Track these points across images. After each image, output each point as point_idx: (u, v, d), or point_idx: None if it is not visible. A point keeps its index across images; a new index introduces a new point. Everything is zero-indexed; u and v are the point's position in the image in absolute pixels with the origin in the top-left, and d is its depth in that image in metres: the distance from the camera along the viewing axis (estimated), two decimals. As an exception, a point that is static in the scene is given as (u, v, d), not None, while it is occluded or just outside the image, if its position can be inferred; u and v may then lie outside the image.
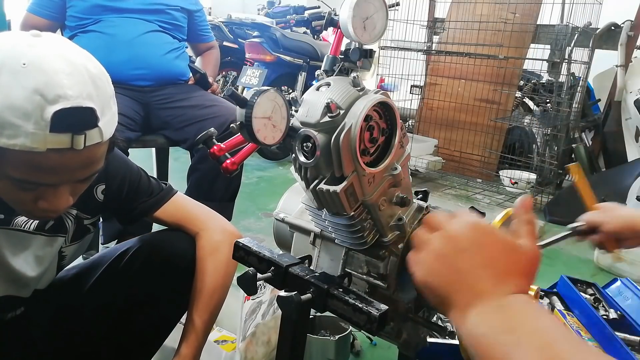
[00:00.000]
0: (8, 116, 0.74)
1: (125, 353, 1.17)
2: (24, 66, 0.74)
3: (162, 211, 1.15)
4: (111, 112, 0.85)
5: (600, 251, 1.11)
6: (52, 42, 0.80)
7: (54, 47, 0.79)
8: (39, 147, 0.75)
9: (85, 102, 0.77)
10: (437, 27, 4.16)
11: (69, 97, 0.75)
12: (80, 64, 0.79)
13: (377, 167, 0.71)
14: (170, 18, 2.10)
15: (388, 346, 1.57)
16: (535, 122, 3.66)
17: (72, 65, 0.78)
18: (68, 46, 0.82)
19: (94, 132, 0.79)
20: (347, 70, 0.80)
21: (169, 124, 2.03)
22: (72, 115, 0.76)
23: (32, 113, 0.74)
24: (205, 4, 3.72)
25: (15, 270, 0.99)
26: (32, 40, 0.78)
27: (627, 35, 3.36)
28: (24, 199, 0.85)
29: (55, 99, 0.74)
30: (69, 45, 0.82)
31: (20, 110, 0.74)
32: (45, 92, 0.74)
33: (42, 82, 0.74)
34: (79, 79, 0.77)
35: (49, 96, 0.74)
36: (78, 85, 0.77)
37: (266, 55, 3.76)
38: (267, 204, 2.94)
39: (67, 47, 0.81)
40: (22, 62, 0.75)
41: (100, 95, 0.81)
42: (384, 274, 0.79)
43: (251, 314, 1.35)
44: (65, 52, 0.79)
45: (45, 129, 0.75)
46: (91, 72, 0.80)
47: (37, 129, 0.74)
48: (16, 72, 0.74)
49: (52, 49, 0.78)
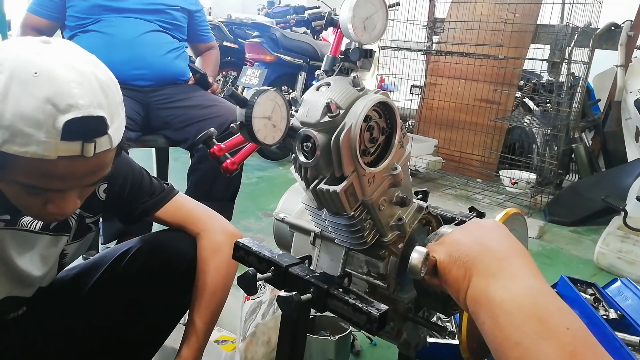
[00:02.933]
0: (20, 125, 0.75)
1: (126, 353, 1.17)
2: (35, 75, 0.75)
3: (163, 211, 1.15)
4: (120, 118, 0.86)
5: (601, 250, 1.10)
6: (62, 49, 0.81)
7: (64, 56, 0.79)
8: (50, 155, 0.76)
9: (96, 111, 0.78)
10: (437, 27, 4.16)
11: (80, 106, 0.76)
12: (90, 72, 0.80)
13: (377, 167, 0.71)
14: (170, 18, 2.10)
15: (388, 346, 1.57)
16: (535, 122, 3.66)
17: (82, 75, 0.78)
18: (78, 54, 0.82)
19: (104, 139, 0.81)
20: (347, 70, 0.80)
21: (169, 124, 2.03)
22: (83, 124, 0.77)
23: (43, 122, 0.75)
24: (205, 4, 3.72)
25: (21, 270, 0.99)
26: (42, 48, 0.79)
27: (627, 35, 3.36)
28: (33, 203, 0.86)
29: (66, 108, 0.75)
30: (78, 53, 0.83)
31: (32, 120, 0.75)
32: (56, 101, 0.75)
33: (53, 92, 0.75)
34: (90, 89, 0.78)
35: (60, 106, 0.75)
36: (89, 94, 0.78)
37: (266, 55, 3.76)
38: (267, 204, 2.94)
39: (77, 55, 0.82)
40: (33, 71, 0.75)
41: (110, 103, 0.82)
42: (384, 274, 0.79)
43: (251, 314, 1.35)
44: (75, 61, 0.80)
45: (56, 137, 0.75)
46: (101, 80, 0.81)
47: (49, 137, 0.75)
48: (27, 82, 0.75)
49: (62, 57, 0.79)
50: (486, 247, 0.58)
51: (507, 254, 0.57)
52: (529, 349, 0.46)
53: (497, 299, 0.52)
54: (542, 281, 0.54)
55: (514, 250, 0.58)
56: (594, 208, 2.90)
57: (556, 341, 0.46)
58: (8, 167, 0.79)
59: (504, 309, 0.51)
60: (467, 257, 0.58)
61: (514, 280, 0.53)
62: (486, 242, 0.59)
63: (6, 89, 0.74)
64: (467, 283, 0.57)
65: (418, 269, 0.62)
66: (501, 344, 0.49)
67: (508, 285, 0.53)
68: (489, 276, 0.55)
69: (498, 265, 0.55)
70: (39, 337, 1.11)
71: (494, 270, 0.55)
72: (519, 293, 0.52)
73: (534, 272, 0.55)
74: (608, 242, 2.38)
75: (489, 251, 0.58)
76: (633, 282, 1.69)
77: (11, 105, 0.74)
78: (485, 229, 0.62)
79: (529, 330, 0.48)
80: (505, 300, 0.51)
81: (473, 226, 0.64)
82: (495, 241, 0.59)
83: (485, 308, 0.53)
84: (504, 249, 0.58)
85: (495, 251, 0.57)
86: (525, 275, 0.54)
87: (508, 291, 0.52)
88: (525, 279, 0.54)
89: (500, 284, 0.53)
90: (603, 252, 2.38)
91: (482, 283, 0.55)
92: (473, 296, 0.55)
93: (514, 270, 0.55)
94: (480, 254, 0.58)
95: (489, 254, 0.57)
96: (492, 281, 0.54)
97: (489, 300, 0.52)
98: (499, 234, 0.61)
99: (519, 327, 0.48)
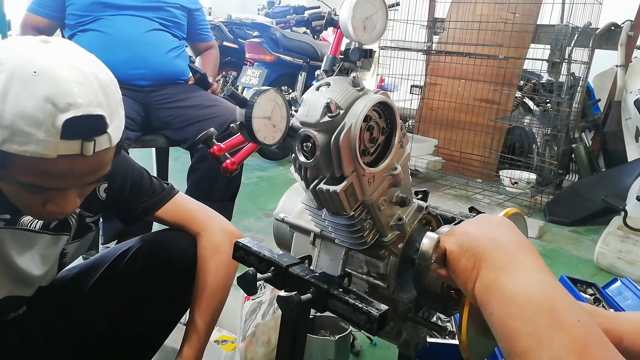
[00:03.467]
0: (19, 124, 0.75)
1: (126, 353, 1.17)
2: (35, 75, 0.75)
3: (163, 211, 1.15)
4: (119, 117, 0.86)
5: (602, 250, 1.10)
6: (62, 48, 0.81)
7: (64, 55, 0.80)
8: (50, 154, 0.77)
9: (95, 109, 0.78)
10: (437, 27, 4.16)
11: (79, 105, 0.76)
12: (90, 72, 0.80)
13: (377, 167, 0.71)
14: (170, 15, 2.10)
15: (388, 346, 1.57)
16: (535, 122, 3.66)
17: (82, 74, 0.78)
18: (77, 53, 0.83)
19: (103, 138, 0.81)
20: (347, 70, 0.80)
21: (169, 124, 2.03)
22: (82, 123, 0.77)
23: (43, 121, 0.75)
24: (205, 4, 3.72)
25: (22, 270, 0.99)
26: (42, 48, 0.79)
27: (627, 35, 3.36)
28: (33, 202, 0.86)
29: (66, 107, 0.75)
30: (78, 52, 0.83)
31: (32, 119, 0.75)
32: (56, 100, 0.75)
33: (53, 91, 0.75)
34: (89, 88, 0.78)
35: (60, 105, 0.75)
36: (88, 93, 0.78)
37: (266, 55, 3.76)
38: (267, 204, 2.94)
39: (77, 54, 0.82)
40: (33, 70, 0.75)
41: (110, 102, 0.82)
42: (384, 274, 0.79)
43: (251, 314, 1.35)
44: (75, 60, 0.80)
45: (56, 136, 0.76)
46: (100, 80, 0.81)
47: (48, 136, 0.75)
48: (27, 81, 0.75)
49: (61, 56, 0.79)
50: (496, 241, 0.59)
51: (516, 248, 0.58)
52: (541, 340, 0.47)
53: (508, 291, 0.53)
54: (550, 276, 0.55)
55: (522, 246, 0.59)
56: (594, 208, 2.90)
57: (568, 333, 0.47)
58: (8, 166, 0.79)
59: (515, 300, 0.51)
60: (478, 248, 0.59)
61: (524, 274, 0.54)
62: (496, 236, 0.60)
63: (6, 88, 0.75)
64: (476, 273, 0.58)
65: (429, 255, 0.63)
66: (511, 335, 0.50)
67: (518, 278, 0.54)
68: (498, 269, 0.56)
69: (507, 259, 0.56)
70: (39, 337, 1.11)
71: (503, 264, 0.56)
72: (529, 286, 0.52)
73: (542, 267, 0.56)
74: (608, 242, 2.38)
75: (498, 245, 0.59)
76: (633, 282, 1.70)
77: (11, 104, 0.74)
78: (494, 223, 0.63)
79: (541, 322, 0.48)
80: (517, 292, 0.52)
81: (482, 220, 0.65)
82: (504, 236, 0.60)
83: (496, 298, 0.54)
84: (513, 244, 0.59)
85: (505, 245, 0.58)
86: (535, 270, 0.55)
87: (519, 284, 0.53)
88: (534, 273, 0.55)
89: (510, 276, 0.54)
90: (603, 252, 2.38)
91: (492, 275, 0.56)
92: (483, 286, 0.56)
93: (523, 265, 0.56)
94: (490, 247, 0.59)
95: (499, 248, 0.58)
96: (501, 274, 0.55)
97: (500, 292, 0.53)
98: (508, 230, 0.62)
99: (531, 318, 0.49)
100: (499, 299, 0.53)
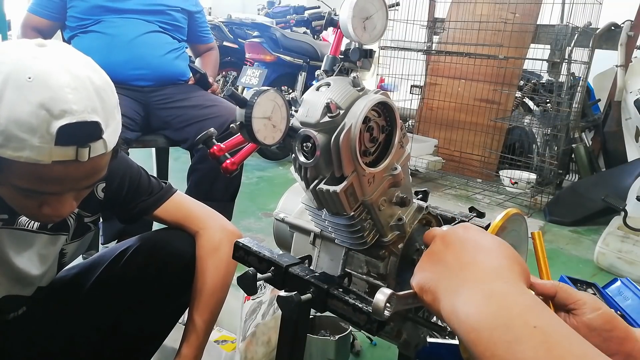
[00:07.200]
0: (13, 130, 0.75)
1: (125, 352, 1.17)
2: (29, 80, 0.75)
3: (162, 210, 1.15)
4: (115, 121, 0.85)
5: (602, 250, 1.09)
6: (57, 53, 0.80)
7: (59, 59, 0.79)
8: (44, 160, 0.76)
9: (90, 116, 0.78)
10: (437, 27, 4.16)
11: (74, 112, 0.76)
12: (85, 76, 0.79)
13: (377, 167, 0.71)
14: (171, 19, 2.10)
15: (388, 346, 1.57)
16: (535, 122, 3.66)
17: (77, 79, 0.78)
18: (73, 57, 0.82)
19: (99, 143, 0.80)
20: (347, 70, 0.80)
21: (169, 124, 2.03)
22: (77, 130, 0.76)
23: (37, 127, 0.75)
24: (205, 4, 3.72)
25: (19, 269, 0.99)
26: (37, 52, 0.78)
27: (627, 35, 3.36)
28: (28, 205, 0.86)
29: (60, 114, 0.75)
30: (73, 56, 0.82)
31: (26, 125, 0.74)
32: (50, 107, 0.75)
33: (48, 97, 0.75)
34: (84, 93, 0.78)
35: (54, 111, 0.75)
36: (83, 99, 0.77)
37: (266, 55, 3.76)
38: (267, 204, 2.94)
39: (72, 59, 0.81)
40: (27, 76, 0.75)
41: (105, 107, 0.81)
42: (384, 274, 0.79)
43: (251, 314, 1.35)
44: (70, 65, 0.79)
45: (50, 142, 0.75)
46: (96, 85, 0.80)
47: (43, 142, 0.75)
48: (21, 87, 0.74)
49: (56, 61, 0.78)
50: (445, 264, 0.57)
51: (468, 261, 0.56)
52: (505, 359, 0.46)
53: (462, 316, 0.51)
54: (504, 279, 0.53)
55: (476, 253, 0.56)
56: (594, 208, 2.90)
57: (527, 344, 0.45)
58: (3, 171, 0.79)
59: (471, 325, 0.50)
60: (432, 281, 0.58)
61: (475, 290, 0.52)
62: (445, 257, 0.58)
63: (0, 93, 0.74)
64: (437, 305, 0.56)
65: (381, 311, 0.60)
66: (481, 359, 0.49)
67: (470, 298, 0.52)
68: (451, 294, 0.54)
69: (458, 278, 0.55)
70: (39, 337, 1.11)
71: (455, 286, 0.54)
72: (481, 304, 0.50)
73: (497, 272, 0.54)
74: (608, 242, 2.38)
75: (448, 268, 0.57)
76: (633, 282, 1.69)
77: (5, 109, 0.74)
78: (447, 241, 0.60)
79: (499, 341, 0.47)
80: (470, 315, 0.50)
81: (437, 245, 0.61)
82: (455, 252, 0.58)
83: (456, 328, 0.52)
84: (464, 257, 0.56)
85: (454, 265, 0.56)
86: (487, 280, 0.53)
87: (471, 305, 0.51)
88: (486, 284, 0.52)
89: (462, 298, 0.52)
90: (603, 252, 2.38)
91: (448, 303, 0.54)
92: (446, 316, 0.54)
93: (475, 277, 0.54)
94: (441, 274, 0.57)
95: (449, 271, 0.56)
96: (455, 298, 0.53)
97: (458, 318, 0.52)
98: (460, 241, 0.59)
99: (489, 339, 0.47)
100: (459, 326, 0.51)
